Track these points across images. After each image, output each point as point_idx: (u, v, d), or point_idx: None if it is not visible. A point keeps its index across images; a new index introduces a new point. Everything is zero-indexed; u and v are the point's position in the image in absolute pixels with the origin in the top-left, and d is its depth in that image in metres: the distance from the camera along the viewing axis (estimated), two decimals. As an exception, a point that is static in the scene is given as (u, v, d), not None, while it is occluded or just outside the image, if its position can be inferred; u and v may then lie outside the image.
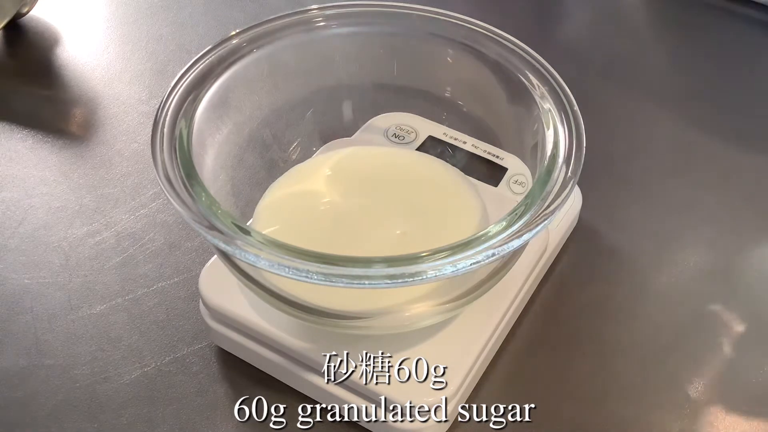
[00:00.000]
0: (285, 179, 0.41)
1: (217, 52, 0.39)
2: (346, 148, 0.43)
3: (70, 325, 0.42)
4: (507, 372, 0.41)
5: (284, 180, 0.41)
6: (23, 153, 0.51)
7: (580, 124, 0.36)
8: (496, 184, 0.44)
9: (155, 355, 0.41)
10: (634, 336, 0.42)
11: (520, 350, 0.42)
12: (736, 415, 0.39)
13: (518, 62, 0.39)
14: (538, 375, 0.41)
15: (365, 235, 0.38)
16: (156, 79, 0.57)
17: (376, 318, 0.35)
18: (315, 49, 0.42)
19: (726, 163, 0.51)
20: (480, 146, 0.45)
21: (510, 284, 0.40)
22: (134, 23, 0.61)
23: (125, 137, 0.52)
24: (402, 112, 0.46)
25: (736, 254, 0.46)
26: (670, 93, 0.57)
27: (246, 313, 0.38)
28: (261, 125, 0.40)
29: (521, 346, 0.42)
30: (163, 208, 0.48)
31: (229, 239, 0.32)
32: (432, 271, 0.31)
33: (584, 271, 0.45)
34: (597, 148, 0.43)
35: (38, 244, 0.46)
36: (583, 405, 0.40)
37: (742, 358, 0.42)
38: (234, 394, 0.40)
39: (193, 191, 0.33)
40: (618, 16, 0.64)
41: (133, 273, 0.45)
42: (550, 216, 0.33)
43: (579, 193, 0.46)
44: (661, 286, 0.45)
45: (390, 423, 0.36)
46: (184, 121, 0.36)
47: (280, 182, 0.41)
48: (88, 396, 0.40)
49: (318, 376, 0.38)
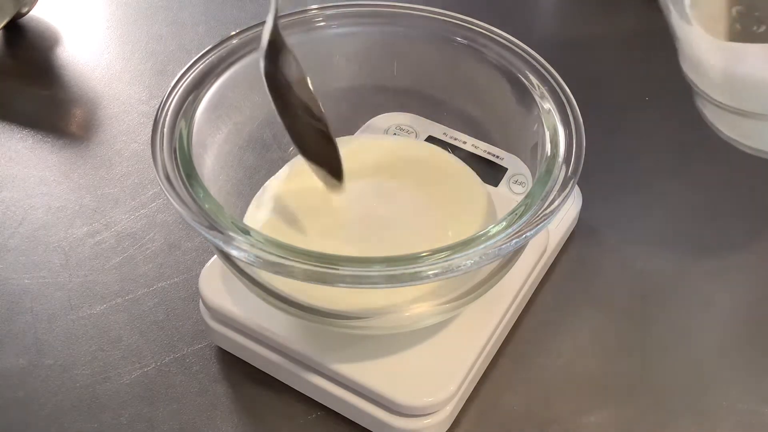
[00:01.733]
0: (283, 172, 0.41)
1: (217, 52, 0.39)
2: (345, 137, 0.43)
3: (70, 325, 0.42)
4: (507, 372, 0.41)
5: (282, 174, 0.41)
6: (23, 153, 0.51)
7: (580, 124, 0.36)
8: (496, 184, 0.44)
9: (155, 355, 0.41)
10: (635, 336, 0.42)
11: (520, 350, 0.42)
12: (736, 414, 0.39)
13: (518, 62, 0.39)
14: (538, 375, 0.41)
15: (367, 231, 0.38)
16: (156, 79, 0.57)
17: (376, 318, 0.35)
18: (315, 49, 0.42)
19: (726, 163, 0.51)
20: (480, 146, 0.45)
21: (510, 284, 0.40)
22: (134, 23, 0.61)
23: (125, 137, 0.52)
24: (402, 112, 0.47)
25: (736, 254, 0.46)
26: (670, 93, 0.57)
27: (246, 313, 0.38)
28: (261, 125, 0.40)
29: (521, 346, 0.42)
30: (163, 208, 0.48)
31: (229, 239, 0.32)
32: (432, 271, 0.31)
33: (584, 271, 0.45)
34: (597, 148, 0.43)
35: (38, 244, 0.46)
36: (584, 405, 0.40)
37: (743, 357, 0.42)
38: (234, 394, 0.40)
39: (193, 191, 0.33)
40: (617, 16, 0.64)
41: (133, 273, 0.45)
42: (550, 216, 0.33)
43: (579, 193, 0.46)
44: (661, 286, 0.45)
45: (390, 423, 0.36)
46: (184, 121, 0.36)
47: (278, 176, 0.41)
48: (88, 396, 0.40)
49: (318, 376, 0.38)
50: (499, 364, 0.41)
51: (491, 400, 0.40)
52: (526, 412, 0.39)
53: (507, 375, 0.41)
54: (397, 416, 0.36)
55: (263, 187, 0.40)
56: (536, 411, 0.39)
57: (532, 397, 0.40)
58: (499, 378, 0.40)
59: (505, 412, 0.39)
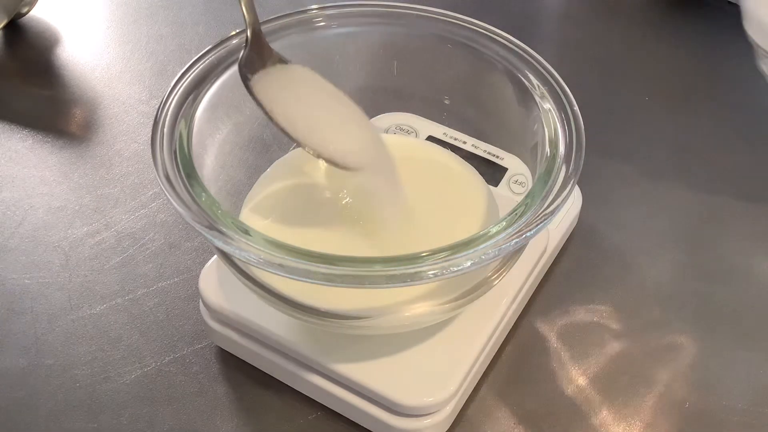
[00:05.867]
0: (278, 169, 0.41)
1: (217, 52, 0.39)
2: None
3: (70, 325, 0.42)
4: (507, 372, 0.41)
5: (278, 170, 0.41)
6: (23, 153, 0.51)
7: (580, 124, 0.36)
8: (496, 184, 0.44)
9: (155, 355, 0.41)
10: (635, 336, 0.42)
11: (519, 350, 0.42)
12: (736, 411, 0.39)
13: (518, 62, 0.39)
14: (538, 375, 0.41)
15: (367, 231, 0.38)
16: (156, 79, 0.57)
17: (376, 318, 0.35)
18: (315, 49, 0.42)
19: (726, 163, 0.51)
20: (480, 146, 0.45)
21: (510, 284, 0.40)
22: (134, 23, 0.61)
23: (125, 137, 0.52)
24: (402, 112, 0.47)
25: (736, 254, 0.46)
26: (670, 93, 0.57)
27: (246, 313, 0.38)
28: (261, 125, 0.40)
29: (521, 347, 0.42)
30: (163, 208, 0.48)
31: (229, 239, 0.32)
32: (432, 271, 0.31)
33: (584, 271, 0.45)
34: (597, 148, 0.43)
35: (38, 244, 0.46)
36: (583, 405, 0.40)
37: (743, 357, 0.42)
38: (234, 395, 0.40)
39: (193, 191, 0.33)
40: (618, 16, 0.64)
41: (133, 273, 0.45)
42: (550, 216, 0.33)
43: (579, 193, 0.46)
44: (661, 287, 0.45)
45: (390, 423, 0.36)
46: (184, 121, 0.36)
47: (274, 173, 0.41)
48: (88, 396, 0.40)
49: (318, 376, 0.38)
50: (499, 364, 0.41)
51: (491, 400, 0.40)
52: (526, 412, 0.39)
53: (507, 375, 0.41)
54: (397, 416, 0.36)
55: (256, 185, 0.40)
56: (536, 411, 0.39)
57: (532, 397, 0.40)
58: (499, 378, 0.40)
59: (505, 412, 0.39)
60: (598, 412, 0.39)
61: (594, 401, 0.40)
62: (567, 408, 0.40)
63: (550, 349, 0.42)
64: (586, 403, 0.40)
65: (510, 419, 0.39)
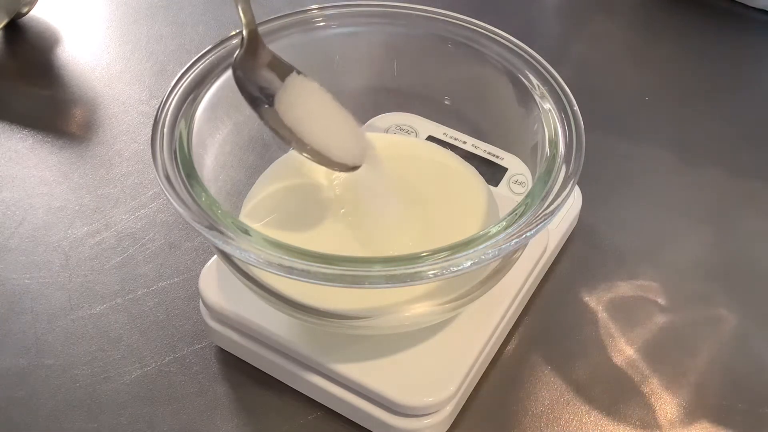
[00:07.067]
0: (278, 169, 0.41)
1: (217, 52, 0.39)
2: None
3: (70, 325, 0.42)
4: (507, 372, 0.41)
5: (278, 170, 0.41)
6: (23, 153, 0.51)
7: (580, 124, 0.36)
8: (496, 184, 0.44)
9: (155, 355, 0.41)
10: (635, 336, 0.42)
11: (520, 350, 0.42)
12: (736, 412, 0.39)
13: (518, 62, 0.39)
14: (538, 375, 0.41)
15: (367, 231, 0.38)
16: (156, 79, 0.57)
17: (376, 318, 0.35)
18: (315, 49, 0.42)
19: (726, 163, 0.51)
20: (480, 146, 0.45)
21: (510, 284, 0.40)
22: (134, 23, 0.61)
23: (125, 137, 0.52)
24: (402, 112, 0.47)
25: (736, 254, 0.46)
26: (670, 93, 0.57)
27: (246, 313, 0.38)
28: (261, 125, 0.40)
29: (521, 346, 0.42)
30: (163, 208, 0.48)
31: (229, 239, 0.32)
32: (432, 271, 0.31)
33: (584, 271, 0.45)
34: (597, 148, 0.43)
35: (38, 244, 0.46)
36: (584, 406, 0.40)
37: (743, 357, 0.42)
38: (234, 394, 0.40)
39: (193, 191, 0.33)
40: (618, 16, 0.64)
41: (133, 273, 0.45)
42: (550, 216, 0.33)
43: (579, 193, 0.46)
44: (661, 287, 0.45)
45: (390, 423, 0.36)
46: (184, 121, 0.36)
47: (273, 173, 0.41)
48: (88, 396, 0.40)
49: (318, 376, 0.38)
50: (499, 364, 0.41)
51: (491, 400, 0.40)
52: (526, 412, 0.39)
53: (507, 375, 0.41)
54: (397, 416, 0.36)
55: (255, 185, 0.40)
56: (536, 411, 0.39)
57: (532, 397, 0.40)
58: (499, 378, 0.40)
59: (505, 412, 0.39)
60: (599, 411, 0.39)
61: (595, 401, 0.40)
62: (568, 408, 0.40)
63: (551, 349, 0.42)
64: (587, 404, 0.40)
65: (510, 419, 0.39)
